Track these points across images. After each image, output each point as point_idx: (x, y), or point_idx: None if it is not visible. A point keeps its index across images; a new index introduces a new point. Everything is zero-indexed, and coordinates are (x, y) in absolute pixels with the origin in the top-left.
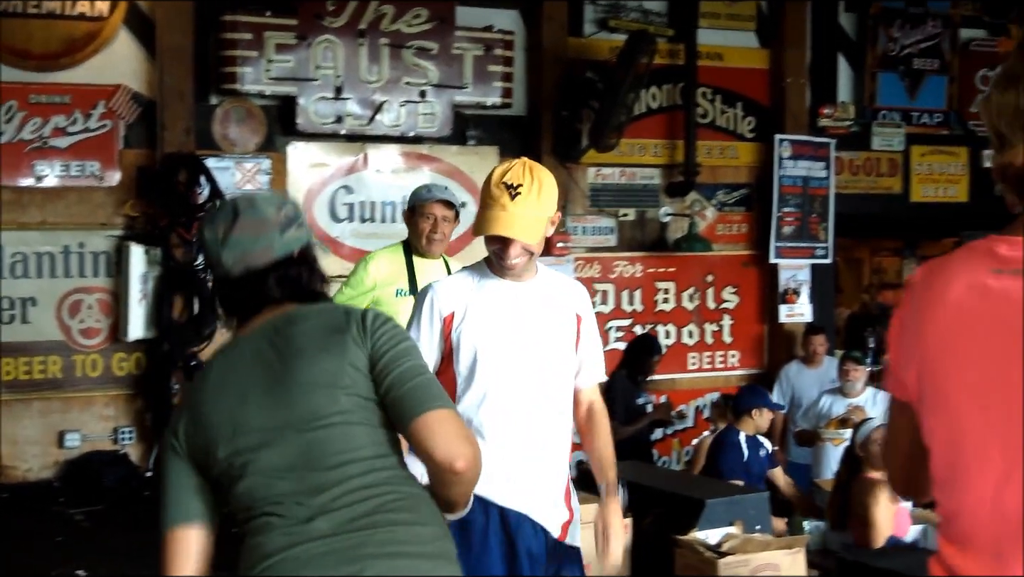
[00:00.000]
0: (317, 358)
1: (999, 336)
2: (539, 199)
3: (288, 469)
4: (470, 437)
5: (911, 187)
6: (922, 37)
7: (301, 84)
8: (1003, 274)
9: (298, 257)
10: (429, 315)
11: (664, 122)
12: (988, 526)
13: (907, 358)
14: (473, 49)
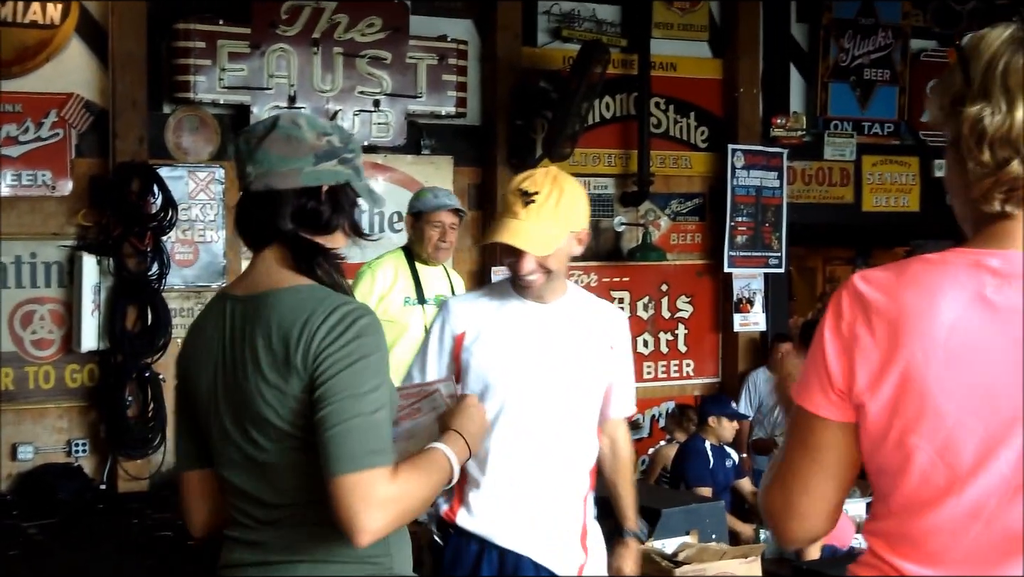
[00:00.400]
0: (261, 387)
1: (1006, 349)
2: (557, 209)
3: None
4: (383, 504)
5: (863, 197)
6: (873, 48)
7: (255, 93)
8: (1005, 288)
9: (327, 194)
10: (439, 333)
11: (618, 132)
12: (976, 544)
13: (872, 376)
14: (427, 58)
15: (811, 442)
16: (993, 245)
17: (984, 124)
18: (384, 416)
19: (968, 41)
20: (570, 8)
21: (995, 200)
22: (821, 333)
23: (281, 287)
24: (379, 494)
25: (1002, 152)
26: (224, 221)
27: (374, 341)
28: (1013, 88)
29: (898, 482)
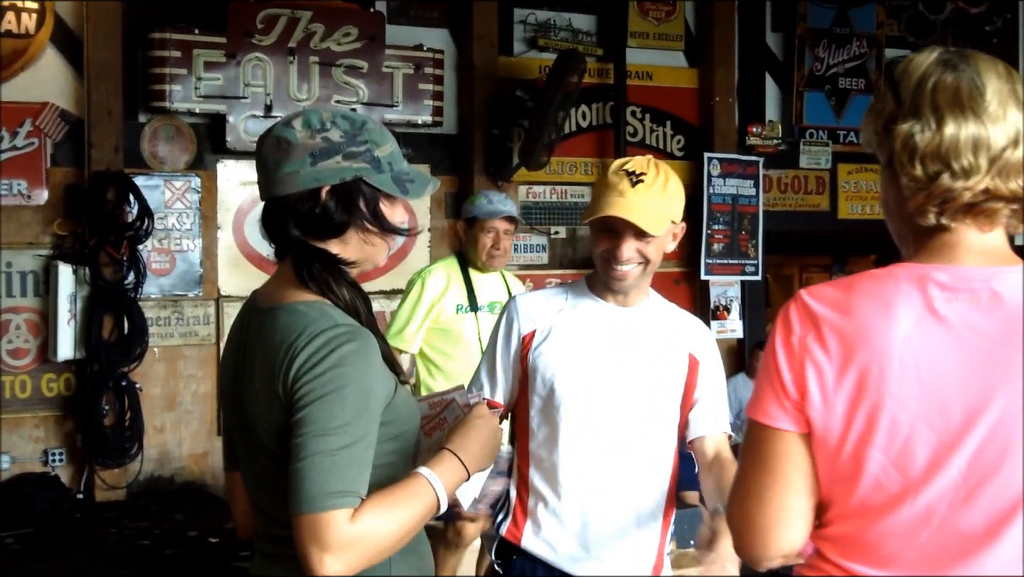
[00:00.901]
0: (255, 405)
1: (957, 361)
2: (664, 193)
3: (255, 499)
4: (338, 548)
5: (838, 204)
6: (848, 57)
7: (231, 102)
8: (953, 302)
9: (331, 194)
10: (505, 333)
11: (594, 140)
12: (929, 546)
13: (826, 388)
14: (403, 67)
15: (767, 455)
16: (937, 259)
17: (915, 140)
18: (356, 452)
19: (899, 66)
20: (546, 18)
21: (930, 213)
22: (772, 347)
23: (282, 303)
24: (334, 538)
25: (933, 166)
26: (200, 230)
27: (355, 371)
28: (942, 105)
29: (851, 489)
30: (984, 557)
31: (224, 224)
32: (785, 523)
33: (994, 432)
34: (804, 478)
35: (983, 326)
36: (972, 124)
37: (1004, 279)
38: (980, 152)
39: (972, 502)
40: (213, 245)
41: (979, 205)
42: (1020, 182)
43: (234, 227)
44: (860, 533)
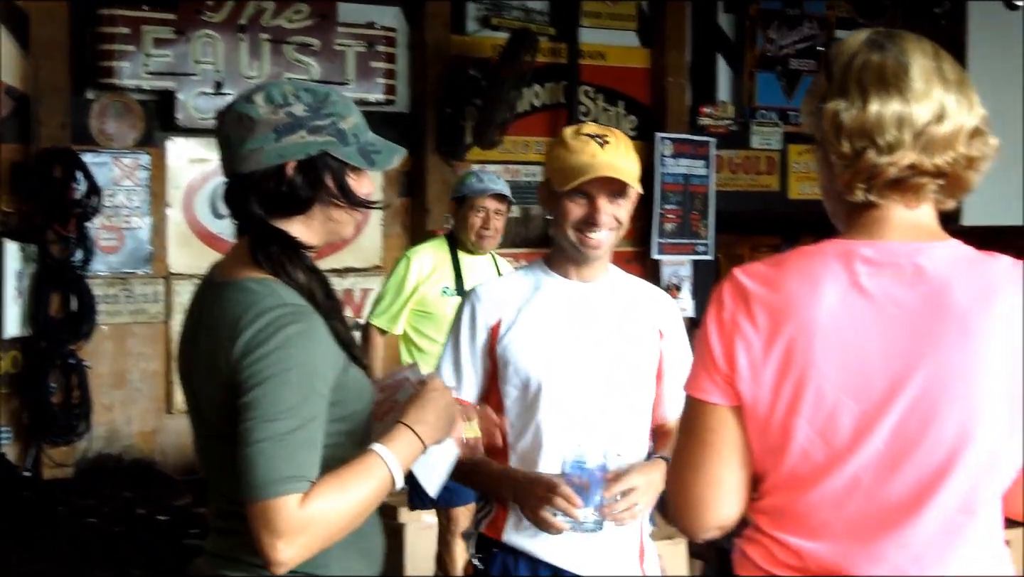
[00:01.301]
0: (200, 379)
1: (880, 334)
2: (629, 152)
3: (204, 471)
4: (291, 533)
5: (789, 185)
6: (799, 38)
7: (180, 79)
8: (877, 276)
9: (298, 170)
10: (470, 326)
11: (547, 120)
12: (856, 516)
13: (754, 360)
14: (355, 45)
15: (701, 428)
16: (865, 235)
17: (841, 118)
18: (303, 435)
19: (832, 48)
20: None
21: (857, 189)
22: (705, 324)
23: (233, 279)
24: (285, 524)
25: (858, 142)
26: (149, 207)
27: (299, 352)
28: (867, 83)
29: (780, 460)
30: (910, 526)
31: (174, 202)
32: (721, 495)
33: (917, 403)
34: (738, 451)
35: (906, 300)
36: (896, 101)
37: (929, 254)
38: (904, 128)
39: (896, 472)
40: (162, 223)
41: (905, 181)
42: (945, 158)
43: (183, 205)
44: (791, 504)
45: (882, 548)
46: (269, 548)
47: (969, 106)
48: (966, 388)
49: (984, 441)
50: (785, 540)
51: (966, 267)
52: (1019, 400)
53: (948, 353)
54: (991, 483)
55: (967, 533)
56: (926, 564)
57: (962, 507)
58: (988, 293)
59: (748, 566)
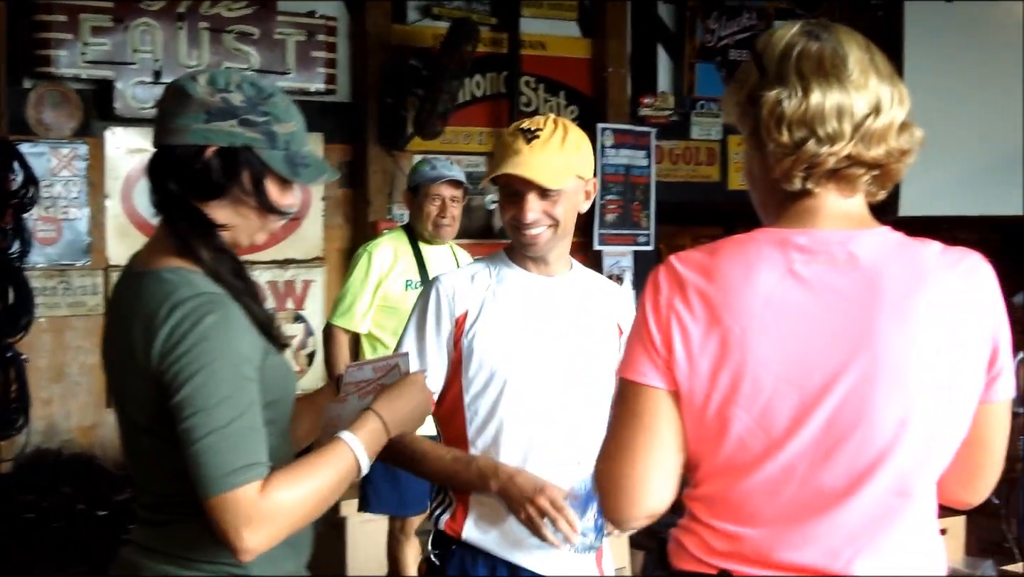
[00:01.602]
0: (123, 373)
1: (816, 321)
2: (562, 146)
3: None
4: (257, 521)
5: (729, 175)
6: (738, 29)
7: (118, 68)
8: (812, 264)
9: (217, 156)
10: (435, 316)
11: (488, 110)
12: (790, 502)
13: (691, 349)
14: (296, 34)
15: (637, 411)
16: (797, 224)
17: (783, 107)
18: (245, 423)
19: (760, 39)
20: None
21: (796, 178)
22: (643, 308)
23: (150, 269)
24: (248, 513)
25: (799, 132)
26: (88, 198)
27: (220, 343)
28: (807, 73)
29: (716, 448)
30: (843, 510)
31: (112, 192)
32: (655, 481)
33: (854, 390)
34: (673, 435)
35: (841, 287)
36: (836, 91)
37: (861, 242)
38: (844, 119)
39: (831, 459)
40: (101, 214)
41: (842, 171)
42: (880, 150)
43: (122, 195)
44: (726, 492)
45: (814, 530)
46: (235, 538)
47: (900, 99)
48: (902, 374)
49: (920, 427)
50: (720, 527)
51: (897, 253)
52: (952, 384)
53: (883, 339)
54: (927, 468)
55: (902, 516)
56: (859, 545)
57: (898, 491)
58: (920, 278)
59: (684, 556)
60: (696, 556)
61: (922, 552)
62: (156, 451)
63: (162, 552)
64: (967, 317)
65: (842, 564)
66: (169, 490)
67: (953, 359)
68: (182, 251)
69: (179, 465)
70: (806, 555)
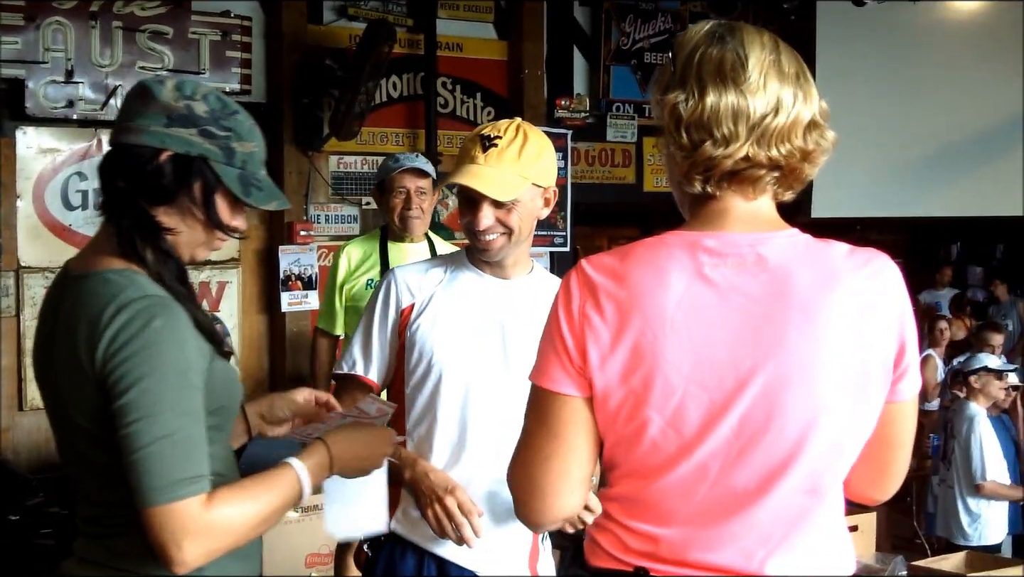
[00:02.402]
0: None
1: (726, 323)
2: (519, 157)
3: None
4: (197, 535)
5: (644, 177)
6: (653, 32)
7: (30, 67)
8: (721, 266)
9: (171, 161)
10: (383, 307)
11: (405, 111)
12: (704, 502)
13: (604, 353)
14: (210, 34)
15: (550, 419)
16: (707, 227)
17: (680, 110)
18: (190, 432)
19: (676, 40)
20: None
21: (696, 181)
22: (555, 315)
23: (92, 270)
24: (190, 525)
25: (697, 135)
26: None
27: (168, 347)
28: (705, 76)
29: (631, 450)
30: (756, 510)
31: (24, 193)
32: (568, 487)
33: (764, 391)
34: (585, 441)
35: (750, 289)
36: (732, 94)
37: (769, 244)
38: (740, 120)
39: (743, 460)
40: (12, 215)
41: (741, 172)
42: (780, 150)
43: (34, 196)
44: (641, 492)
45: (729, 531)
46: (174, 550)
47: (805, 99)
48: (811, 374)
49: (829, 426)
50: (635, 527)
51: (806, 255)
52: (860, 384)
53: (793, 340)
54: (836, 467)
55: (813, 515)
56: (772, 545)
57: (808, 490)
58: (829, 280)
59: (600, 554)
60: (612, 554)
61: (832, 551)
62: (98, 458)
63: (105, 565)
64: (874, 318)
65: (756, 564)
66: (111, 499)
67: (860, 359)
68: (126, 251)
69: (121, 472)
70: (720, 556)
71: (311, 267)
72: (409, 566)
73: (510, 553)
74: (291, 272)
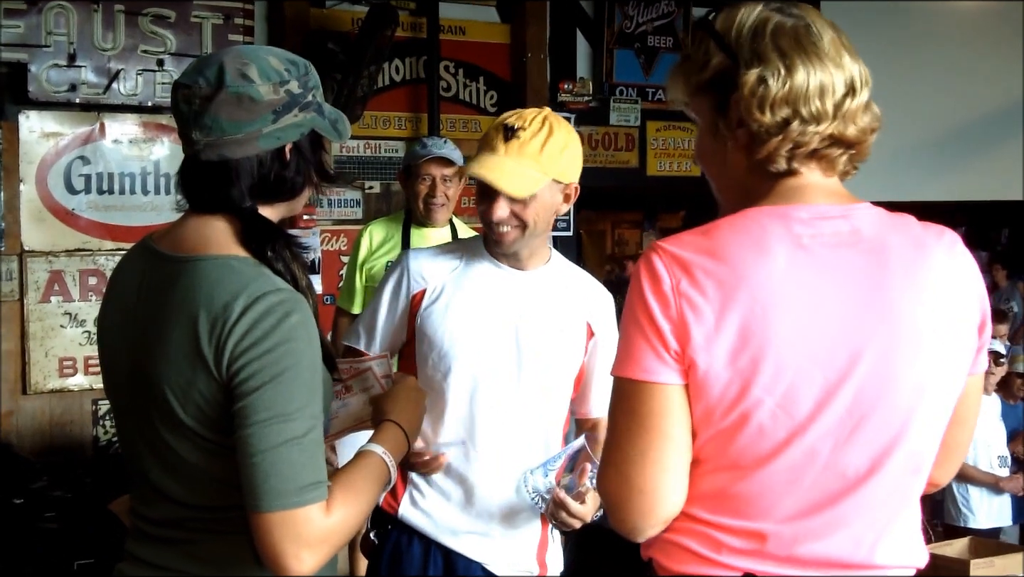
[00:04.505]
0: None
1: (835, 295)
2: (541, 152)
3: (130, 461)
4: (317, 543)
5: (647, 161)
6: (656, 15)
7: (32, 51)
8: (819, 237)
9: (290, 154)
10: (394, 289)
11: (408, 95)
12: (811, 489)
13: (708, 333)
14: (212, 18)
15: (645, 413)
16: (792, 200)
17: (766, 86)
18: (318, 434)
19: (719, 20)
20: None
21: (781, 159)
22: (642, 300)
23: (208, 254)
24: (312, 533)
25: (782, 112)
26: (2, 183)
27: (304, 345)
28: (787, 50)
29: (730, 440)
30: (865, 491)
31: (27, 177)
32: (671, 483)
33: (876, 365)
34: (684, 434)
35: (852, 259)
36: (818, 69)
37: (859, 215)
38: (826, 98)
39: (854, 440)
40: (15, 199)
41: (822, 150)
42: (856, 128)
43: (37, 180)
44: (737, 485)
45: (838, 515)
46: (294, 559)
47: (866, 78)
48: (919, 344)
49: (933, 400)
50: (731, 524)
51: (892, 227)
52: (957, 354)
53: (900, 311)
54: (933, 443)
55: (913, 493)
56: (879, 529)
57: (913, 469)
58: (921, 250)
59: (685, 557)
60: (705, 556)
61: (919, 536)
62: (191, 457)
63: (180, 570)
64: (961, 288)
65: (865, 551)
66: (200, 501)
67: (957, 329)
68: (271, 257)
69: (222, 474)
70: (829, 545)
71: (314, 251)
72: (415, 555)
73: (518, 545)
74: None
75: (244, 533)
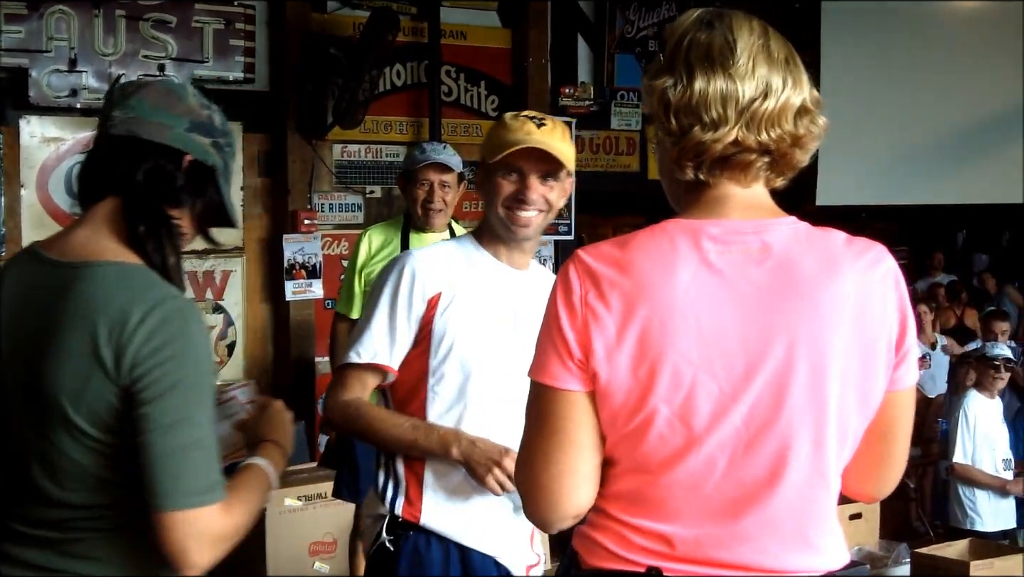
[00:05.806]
0: (57, 372)
1: (735, 311)
2: (564, 137)
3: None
4: (217, 541)
5: (648, 165)
6: (657, 20)
7: (33, 55)
8: (726, 254)
9: (190, 166)
10: (408, 292)
11: (409, 100)
12: (712, 497)
13: (609, 345)
14: (213, 23)
15: (553, 416)
16: (707, 214)
17: (668, 95)
18: (214, 436)
19: (666, 29)
20: None
21: (687, 167)
22: (554, 308)
23: (101, 260)
24: (214, 531)
25: (686, 119)
26: (3, 188)
27: (203, 349)
28: (693, 61)
29: (636, 445)
30: (768, 502)
31: (28, 182)
32: (575, 485)
33: (772, 380)
34: (591, 438)
35: (756, 277)
36: (720, 78)
37: (773, 231)
38: (728, 104)
39: (752, 451)
40: (16, 204)
41: (731, 158)
42: (769, 135)
43: (38, 185)
44: (645, 488)
45: (742, 528)
46: (196, 556)
47: (795, 84)
48: (818, 361)
49: (835, 414)
50: (641, 524)
51: (808, 243)
52: (864, 371)
53: (800, 328)
54: (840, 456)
55: (822, 506)
56: (786, 540)
57: (816, 480)
58: (831, 267)
59: (601, 553)
60: (617, 553)
61: (838, 542)
62: (81, 459)
63: (63, 570)
64: (874, 305)
65: (771, 560)
66: (82, 502)
67: (864, 346)
68: (143, 248)
69: (107, 473)
70: (736, 553)
71: (315, 255)
72: (436, 558)
73: (517, 534)
74: (295, 260)
75: (124, 530)
